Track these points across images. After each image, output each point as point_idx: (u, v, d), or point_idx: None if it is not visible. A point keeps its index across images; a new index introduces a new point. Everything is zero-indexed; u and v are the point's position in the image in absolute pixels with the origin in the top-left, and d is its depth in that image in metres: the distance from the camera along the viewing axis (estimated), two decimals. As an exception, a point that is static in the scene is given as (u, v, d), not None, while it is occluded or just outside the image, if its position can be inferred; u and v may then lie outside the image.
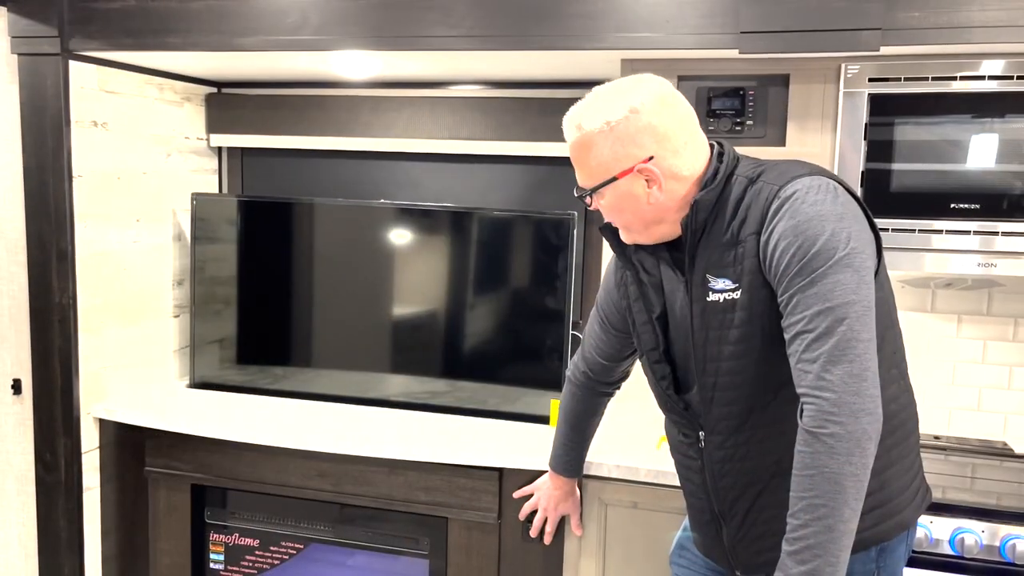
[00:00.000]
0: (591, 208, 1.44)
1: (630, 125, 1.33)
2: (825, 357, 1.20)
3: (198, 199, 2.62)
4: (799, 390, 1.23)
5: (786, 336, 1.27)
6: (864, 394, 1.19)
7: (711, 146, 1.42)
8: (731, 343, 1.35)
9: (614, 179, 1.36)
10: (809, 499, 1.19)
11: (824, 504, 1.18)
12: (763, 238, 1.30)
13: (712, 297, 1.36)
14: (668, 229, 1.40)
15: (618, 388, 1.84)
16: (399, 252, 2.51)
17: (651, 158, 1.34)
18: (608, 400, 1.86)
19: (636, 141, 1.33)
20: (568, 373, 1.85)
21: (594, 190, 1.39)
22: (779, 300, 1.28)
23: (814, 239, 1.23)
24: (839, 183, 1.32)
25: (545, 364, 2.39)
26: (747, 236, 1.32)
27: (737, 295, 1.33)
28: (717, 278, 1.35)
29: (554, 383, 2.36)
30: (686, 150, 1.36)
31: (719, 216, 1.35)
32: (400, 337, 2.54)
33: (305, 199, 2.59)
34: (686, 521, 1.67)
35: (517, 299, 2.46)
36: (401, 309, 2.53)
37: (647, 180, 1.35)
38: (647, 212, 1.38)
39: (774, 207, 1.29)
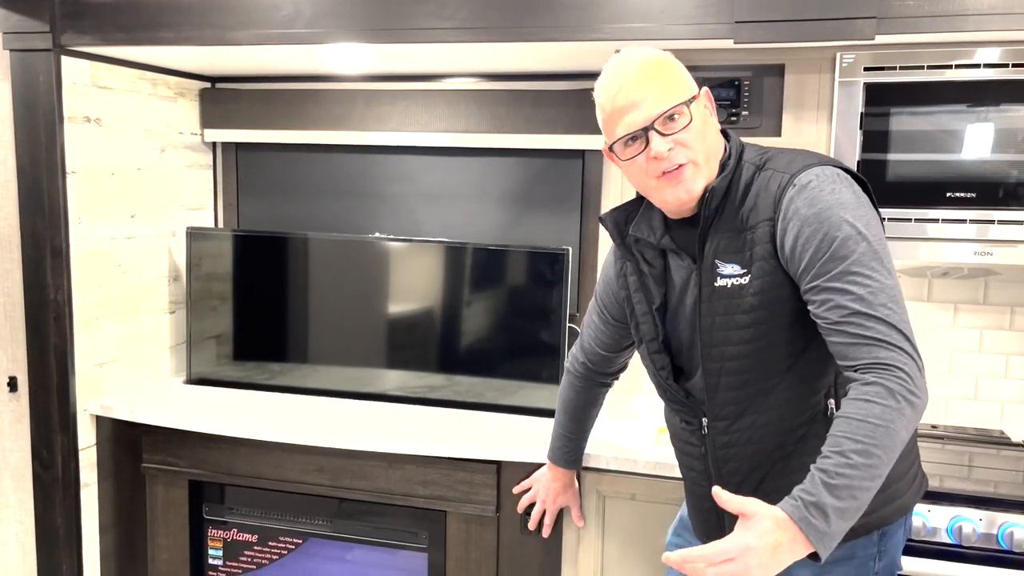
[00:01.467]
0: (665, 134, 1.32)
1: (679, 64, 1.39)
2: (888, 334, 1.21)
3: (193, 233, 2.62)
4: (864, 361, 1.21)
5: (824, 324, 1.26)
6: (924, 379, 1.21)
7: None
8: (740, 328, 1.35)
9: (693, 98, 1.36)
10: (868, 445, 1.16)
11: (879, 456, 1.16)
12: (780, 226, 1.30)
13: (720, 282, 1.36)
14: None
15: (616, 379, 1.85)
16: (393, 284, 2.51)
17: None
18: (607, 391, 1.86)
19: (689, 75, 1.39)
20: (567, 364, 1.85)
21: (690, 101, 1.34)
22: (805, 287, 1.28)
23: (838, 226, 1.25)
24: (848, 172, 1.33)
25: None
26: (758, 223, 1.32)
27: (746, 280, 1.34)
28: (726, 263, 1.35)
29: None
30: None
31: (728, 202, 1.36)
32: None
33: (299, 234, 2.57)
34: (682, 510, 1.68)
35: (513, 323, 2.45)
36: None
37: (707, 109, 1.38)
38: (713, 144, 1.39)
39: (788, 195, 1.29)
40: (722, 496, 1.20)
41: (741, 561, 1.12)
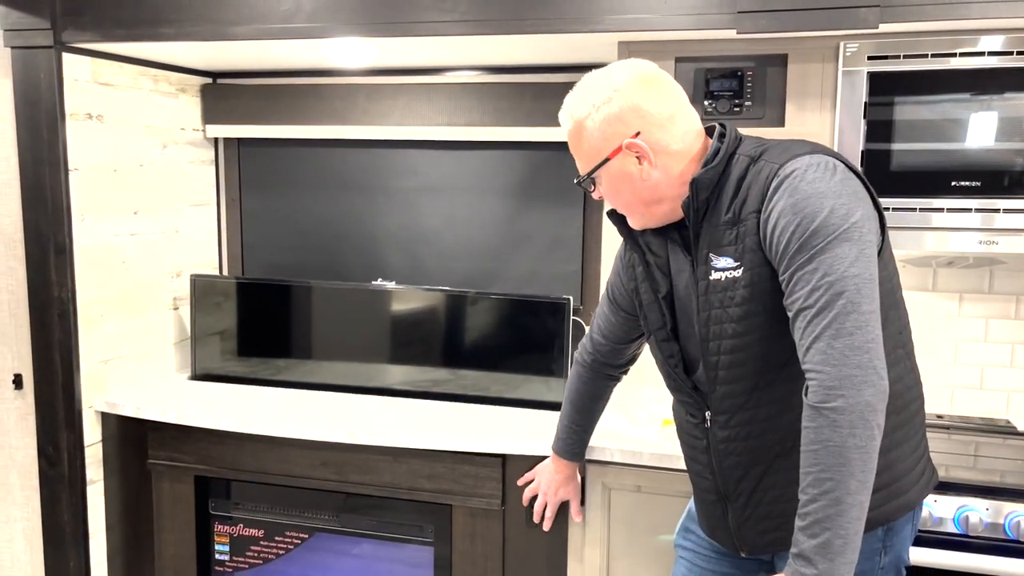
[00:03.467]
0: (594, 196, 1.47)
1: (613, 105, 1.37)
2: (826, 331, 1.21)
3: (197, 279, 2.63)
4: (804, 366, 1.24)
5: (789, 314, 1.27)
6: (866, 366, 1.19)
7: (714, 126, 1.43)
8: (734, 321, 1.36)
9: (606, 160, 1.39)
10: (815, 473, 1.20)
11: (830, 478, 1.18)
12: (763, 217, 1.30)
13: (714, 276, 1.37)
14: (669, 208, 1.42)
15: (625, 372, 1.85)
16: (395, 319, 2.53)
17: (638, 134, 1.36)
18: (615, 384, 1.86)
19: (621, 119, 1.37)
20: (576, 355, 1.86)
21: (590, 175, 1.42)
22: (780, 279, 1.29)
23: (813, 216, 1.24)
24: (840, 161, 1.32)
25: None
26: (748, 215, 1.33)
27: (739, 273, 1.34)
28: (719, 257, 1.36)
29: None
30: (672, 125, 1.38)
31: (721, 195, 1.36)
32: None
33: (302, 282, 2.58)
34: (691, 503, 1.68)
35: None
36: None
37: (637, 156, 1.38)
38: (643, 191, 1.40)
39: (773, 186, 1.30)
40: None
41: None
